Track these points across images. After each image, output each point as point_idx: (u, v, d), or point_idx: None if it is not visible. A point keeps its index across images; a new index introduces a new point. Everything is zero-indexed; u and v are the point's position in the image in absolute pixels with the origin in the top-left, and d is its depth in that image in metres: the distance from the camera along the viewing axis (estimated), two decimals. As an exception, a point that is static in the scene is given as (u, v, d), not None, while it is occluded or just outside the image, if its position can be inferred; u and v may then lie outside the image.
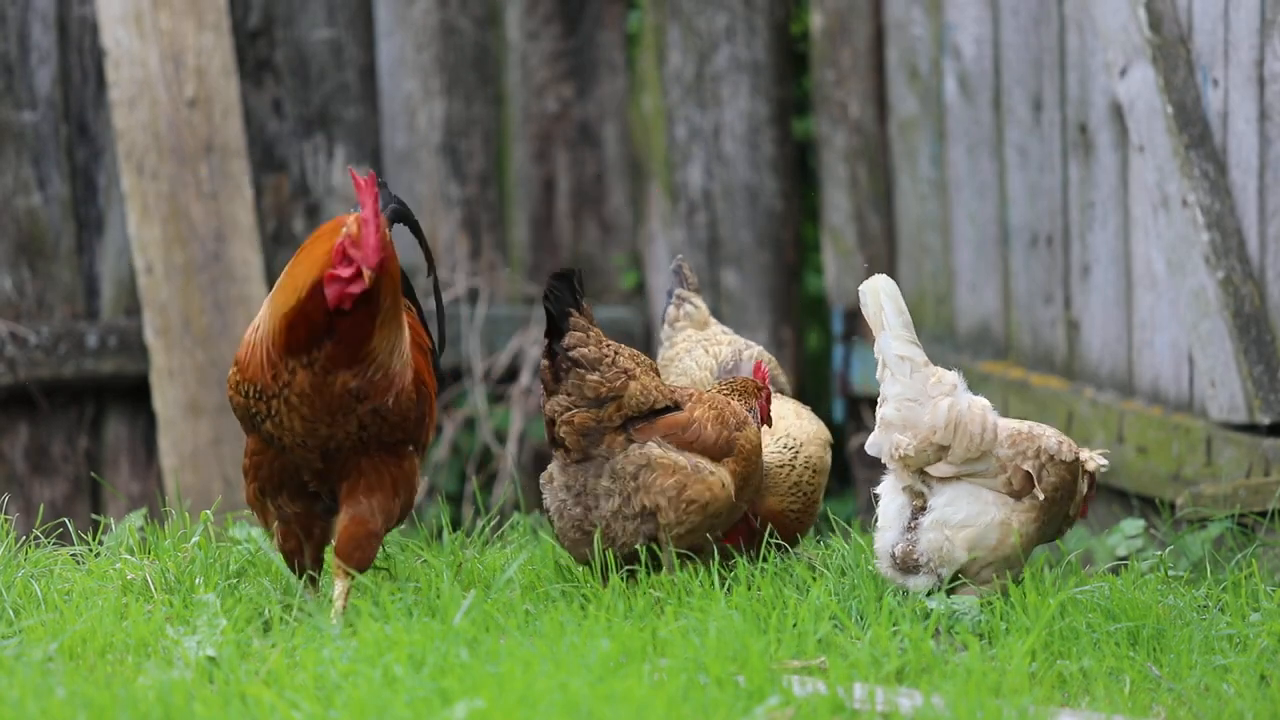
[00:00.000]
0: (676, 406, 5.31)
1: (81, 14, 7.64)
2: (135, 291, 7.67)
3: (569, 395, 5.24)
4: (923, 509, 5.31)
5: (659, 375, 5.37)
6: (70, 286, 7.69)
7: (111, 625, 4.84)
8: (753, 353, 5.92)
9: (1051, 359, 7.42)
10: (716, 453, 5.31)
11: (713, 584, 5.13)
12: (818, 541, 5.95)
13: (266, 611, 5.08)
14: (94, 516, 7.49)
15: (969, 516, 5.30)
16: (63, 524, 5.81)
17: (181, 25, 7.65)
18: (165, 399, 7.64)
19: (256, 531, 5.61)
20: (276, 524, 5.11)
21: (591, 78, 8.31)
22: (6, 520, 5.48)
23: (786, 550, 5.53)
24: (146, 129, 7.62)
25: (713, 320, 6.07)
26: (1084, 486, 5.43)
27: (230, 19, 7.76)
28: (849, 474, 8.27)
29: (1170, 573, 5.78)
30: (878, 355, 5.33)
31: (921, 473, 5.30)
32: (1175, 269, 6.64)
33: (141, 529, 5.93)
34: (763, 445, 5.53)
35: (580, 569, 5.28)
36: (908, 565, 5.28)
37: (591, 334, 5.23)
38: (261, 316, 5.01)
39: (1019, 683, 4.59)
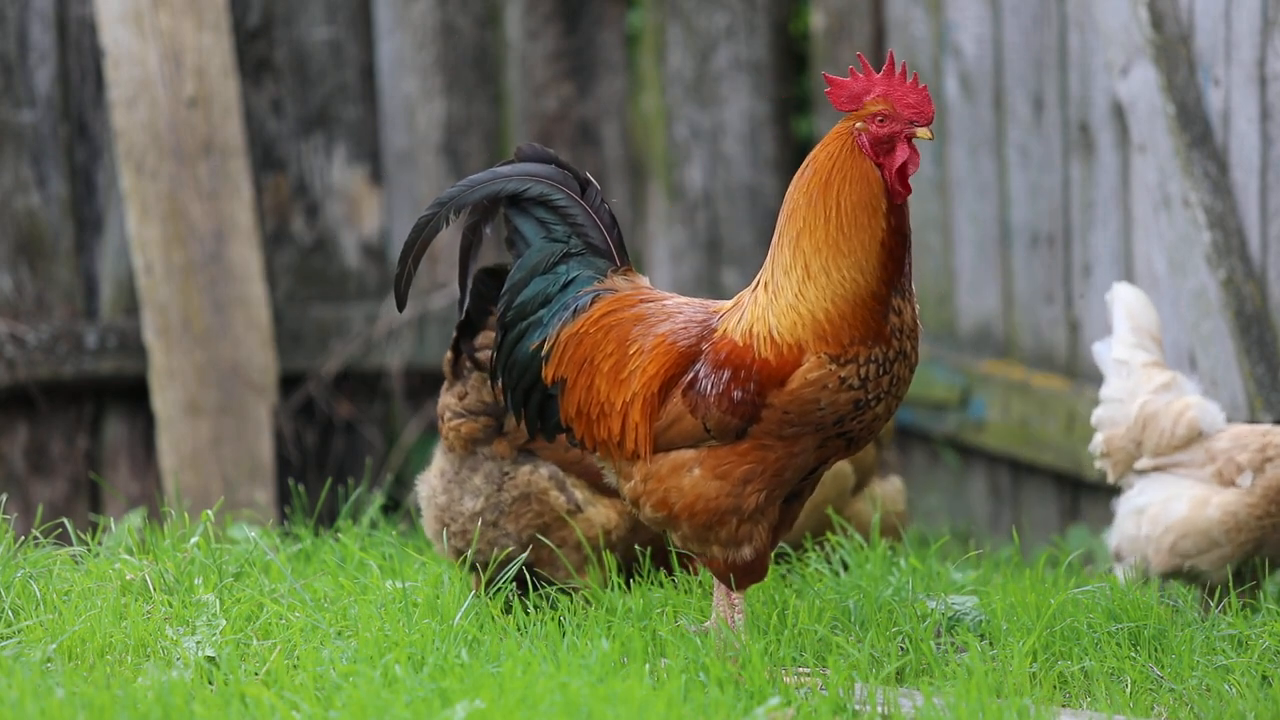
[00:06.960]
0: None
1: (80, 13, 7.63)
2: (134, 291, 7.66)
3: (461, 399, 4.93)
4: None
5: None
6: (69, 286, 7.68)
7: (110, 625, 4.83)
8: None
9: (1052, 359, 7.41)
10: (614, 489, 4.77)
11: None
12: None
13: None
14: (93, 516, 7.48)
15: (1153, 499, 5.41)
16: (62, 524, 5.79)
17: (181, 25, 7.64)
18: (165, 399, 7.63)
19: (255, 532, 5.60)
20: (756, 543, 4.59)
21: (591, 77, 8.30)
22: (5, 520, 5.47)
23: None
24: (146, 129, 7.61)
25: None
26: None
27: (230, 18, 7.75)
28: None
29: (1172, 573, 5.77)
30: (1097, 359, 5.49)
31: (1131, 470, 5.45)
32: (1176, 269, 6.63)
33: (140, 529, 5.92)
34: None
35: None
36: (1118, 556, 5.42)
37: None
38: (800, 282, 4.64)
39: (1020, 683, 4.58)
